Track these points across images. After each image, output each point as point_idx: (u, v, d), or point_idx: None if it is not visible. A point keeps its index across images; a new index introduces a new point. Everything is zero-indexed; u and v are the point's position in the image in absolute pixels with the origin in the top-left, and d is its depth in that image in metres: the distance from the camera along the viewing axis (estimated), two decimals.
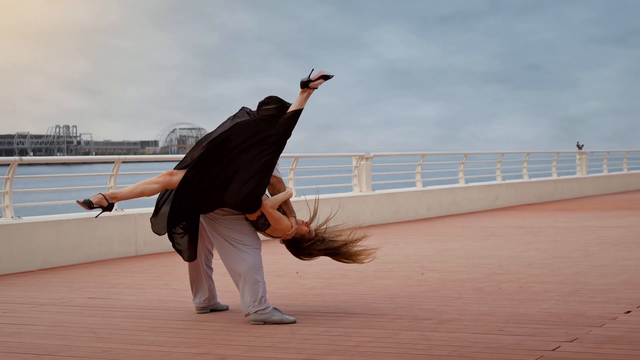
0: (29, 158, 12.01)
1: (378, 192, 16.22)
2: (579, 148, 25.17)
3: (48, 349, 5.75)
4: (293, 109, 6.50)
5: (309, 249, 6.73)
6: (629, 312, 6.52)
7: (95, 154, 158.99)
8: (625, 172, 27.50)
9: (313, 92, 6.53)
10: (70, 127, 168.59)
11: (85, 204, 6.26)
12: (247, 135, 6.43)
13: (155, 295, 7.94)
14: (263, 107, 6.56)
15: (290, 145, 6.65)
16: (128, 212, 11.48)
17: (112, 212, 11.26)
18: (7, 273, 9.85)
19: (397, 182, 17.97)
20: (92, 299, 7.79)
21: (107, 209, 6.37)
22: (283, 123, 6.47)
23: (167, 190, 6.62)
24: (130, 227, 11.34)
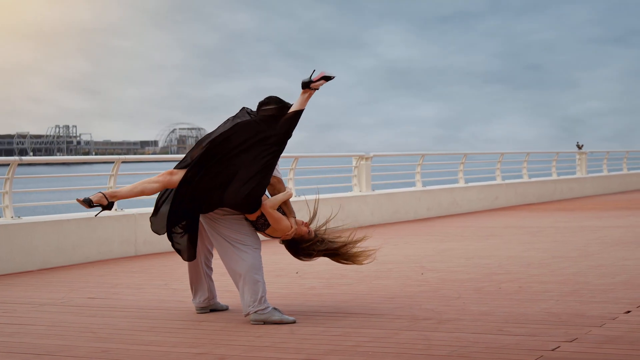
0: (29, 158, 12.01)
1: (378, 192, 16.22)
2: (579, 148, 25.17)
3: (48, 349, 5.75)
4: (294, 110, 6.49)
5: (309, 250, 6.73)
6: (629, 312, 6.52)
7: (95, 154, 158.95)
8: (625, 172, 27.50)
9: (314, 92, 6.52)
10: (70, 127, 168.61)
11: (85, 203, 6.26)
12: (247, 136, 6.43)
13: (155, 295, 7.94)
14: (263, 107, 6.56)
15: (290, 145, 6.65)
16: (128, 212, 11.48)
17: (111, 212, 11.31)
18: (6, 273, 9.85)
19: (396, 182, 17.97)
20: (91, 299, 7.79)
21: (106, 208, 6.37)
22: (284, 123, 6.47)
23: (167, 190, 6.62)
24: (130, 227, 11.34)
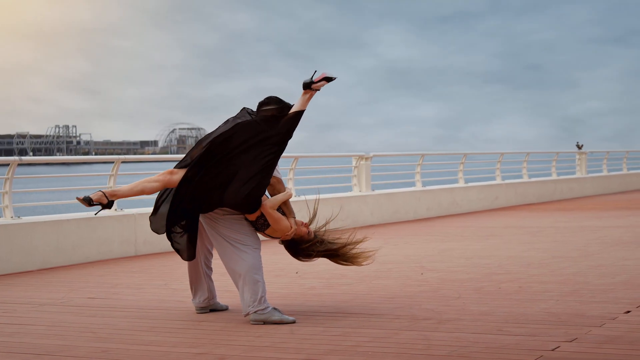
0: (29, 158, 12.02)
1: (378, 192, 16.22)
2: (579, 148, 25.17)
3: (48, 349, 5.75)
4: (295, 110, 6.49)
5: (308, 250, 6.73)
6: (629, 312, 6.52)
7: (95, 154, 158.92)
8: (625, 172, 27.50)
9: (315, 93, 6.52)
10: (70, 127, 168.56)
11: (85, 201, 6.27)
12: (248, 136, 6.43)
13: (155, 295, 7.94)
14: (263, 107, 6.56)
15: (290, 145, 6.65)
16: (127, 212, 11.48)
17: (111, 212, 11.31)
18: (6, 273, 9.85)
19: (396, 182, 17.97)
20: (91, 299, 7.79)
21: (106, 207, 6.37)
22: (285, 123, 6.46)
23: (166, 189, 6.62)
24: (130, 227, 11.34)
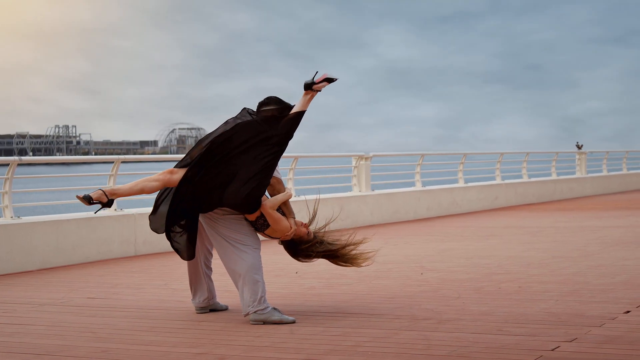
0: (29, 158, 12.02)
1: (377, 192, 16.22)
2: (579, 148, 25.17)
3: (47, 349, 5.75)
4: (296, 111, 6.49)
5: (307, 251, 6.73)
6: (629, 312, 6.52)
7: (95, 154, 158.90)
8: (625, 172, 27.50)
9: (316, 94, 6.52)
10: (70, 127, 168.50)
11: (85, 200, 6.28)
12: (248, 136, 6.43)
13: (155, 295, 7.94)
14: (263, 107, 6.56)
15: (290, 145, 6.65)
16: (127, 212, 11.48)
17: (111, 212, 11.32)
18: (6, 273, 9.85)
19: (396, 182, 17.96)
20: (91, 299, 7.79)
21: (106, 205, 6.38)
22: (285, 124, 6.47)
23: (166, 189, 6.61)
24: (130, 227, 11.34)
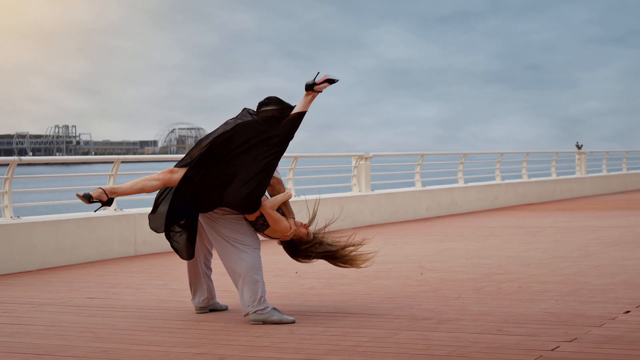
0: (28, 158, 12.02)
1: (377, 192, 16.22)
2: (578, 148, 25.18)
3: (47, 349, 5.75)
4: (297, 111, 6.50)
5: (307, 252, 6.73)
6: (628, 312, 6.52)
7: (95, 154, 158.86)
8: (625, 172, 27.51)
9: (317, 95, 6.53)
10: (70, 127, 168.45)
11: (85, 198, 6.28)
12: (249, 136, 6.43)
13: (155, 295, 7.94)
14: (263, 107, 6.56)
15: (290, 145, 6.65)
16: (127, 212, 11.48)
17: (111, 212, 11.32)
18: (6, 273, 9.85)
19: (396, 182, 17.96)
20: (91, 299, 7.79)
21: (106, 204, 6.38)
22: (286, 124, 6.47)
23: (166, 188, 6.61)
24: (130, 227, 11.34)
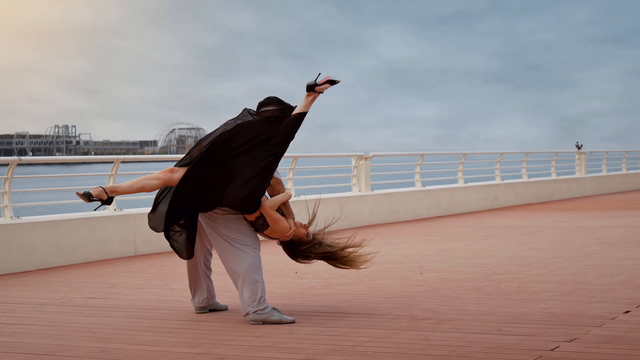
0: (28, 158, 12.01)
1: (377, 192, 16.22)
2: (578, 148, 25.18)
3: (47, 349, 5.75)
4: (298, 112, 6.50)
5: (306, 252, 6.73)
6: (628, 312, 6.52)
7: (95, 154, 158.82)
8: (624, 172, 27.51)
9: (318, 96, 6.54)
10: (70, 127, 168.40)
11: (85, 196, 6.29)
12: (250, 136, 6.43)
13: (154, 295, 7.94)
14: (263, 107, 6.56)
15: (290, 145, 6.65)
16: (127, 212, 11.48)
17: (111, 212, 11.32)
18: (6, 273, 9.85)
19: (396, 182, 17.96)
20: (91, 299, 7.79)
21: (106, 203, 6.39)
22: (287, 125, 6.47)
23: (165, 188, 6.62)
24: (129, 227, 11.33)
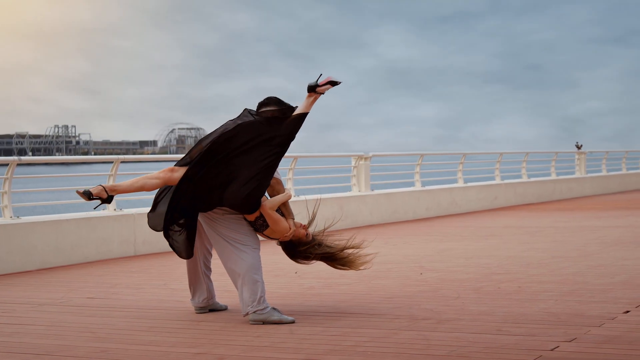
0: (28, 158, 12.01)
1: (377, 192, 16.22)
2: (578, 148, 25.18)
3: (47, 349, 5.75)
4: (299, 112, 6.51)
5: (305, 253, 6.73)
6: (628, 312, 6.52)
7: (94, 154, 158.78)
8: (624, 172, 27.51)
9: (319, 97, 6.54)
10: (69, 127, 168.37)
11: (85, 195, 6.30)
12: (250, 136, 6.43)
13: (154, 295, 7.94)
14: (263, 107, 6.56)
15: (290, 145, 6.65)
16: (127, 212, 11.48)
17: (111, 212, 11.31)
18: (5, 273, 9.85)
19: (396, 182, 17.96)
20: (90, 299, 7.79)
21: (106, 201, 6.40)
22: (288, 125, 6.47)
23: (165, 187, 6.62)
24: (129, 227, 11.33)
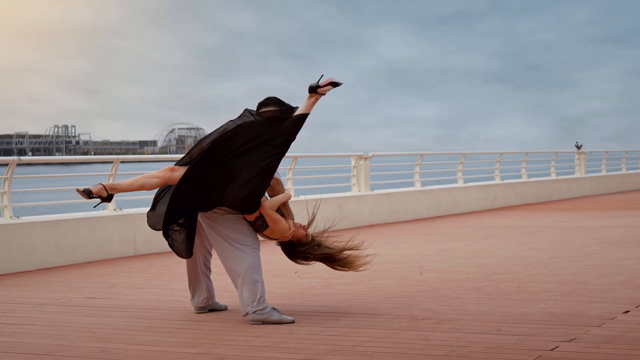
0: (28, 158, 12.01)
1: (377, 192, 16.22)
2: (578, 148, 25.18)
3: (47, 349, 5.75)
4: (300, 113, 6.51)
5: (305, 253, 6.73)
6: (628, 312, 6.52)
7: (94, 154, 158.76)
8: (624, 172, 27.51)
9: (320, 97, 6.55)
10: (69, 127, 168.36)
11: (85, 193, 6.30)
12: (251, 136, 6.44)
13: (154, 295, 7.94)
14: (263, 108, 6.57)
15: (290, 145, 6.66)
16: (127, 212, 11.48)
17: (110, 211, 11.32)
18: (5, 273, 9.85)
19: (395, 182, 17.96)
20: (90, 299, 7.79)
21: (106, 200, 6.40)
22: (289, 125, 6.48)
23: (165, 186, 6.62)
24: (129, 227, 11.33)
